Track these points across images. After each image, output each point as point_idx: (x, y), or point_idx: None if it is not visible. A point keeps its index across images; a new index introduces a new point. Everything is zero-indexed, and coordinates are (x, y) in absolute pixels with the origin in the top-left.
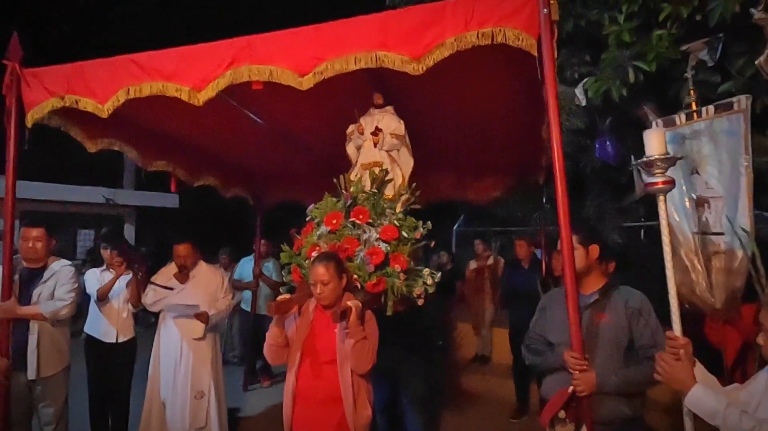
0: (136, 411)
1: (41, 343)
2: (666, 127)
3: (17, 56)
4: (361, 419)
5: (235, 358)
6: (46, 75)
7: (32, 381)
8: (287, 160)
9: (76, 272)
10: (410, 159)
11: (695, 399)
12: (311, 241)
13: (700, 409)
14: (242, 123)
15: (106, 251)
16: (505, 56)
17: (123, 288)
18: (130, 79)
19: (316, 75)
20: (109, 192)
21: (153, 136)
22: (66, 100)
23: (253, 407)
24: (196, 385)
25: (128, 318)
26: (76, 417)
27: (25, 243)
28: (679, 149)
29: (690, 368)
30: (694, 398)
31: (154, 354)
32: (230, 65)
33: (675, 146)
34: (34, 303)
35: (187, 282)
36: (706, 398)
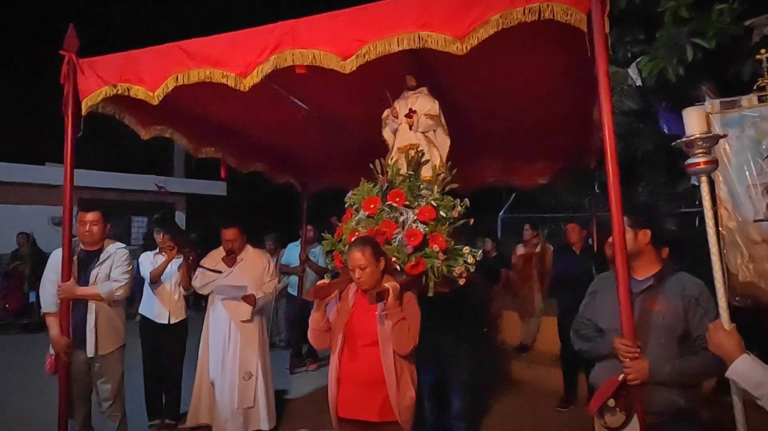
0: (188, 390)
1: (99, 322)
2: (727, 108)
3: (73, 47)
4: (404, 400)
5: (281, 342)
6: (100, 64)
7: (91, 359)
8: (331, 146)
9: (129, 254)
10: (447, 138)
11: (742, 368)
12: (350, 227)
13: (745, 379)
14: (288, 109)
15: (159, 235)
16: (553, 33)
17: (174, 272)
18: (178, 66)
19: (359, 57)
20: (161, 180)
21: (203, 123)
22: (118, 87)
23: (300, 389)
24: (244, 366)
25: (180, 301)
26: (132, 395)
27: (82, 227)
28: (744, 132)
29: (738, 338)
30: (739, 367)
31: (204, 335)
32: (274, 50)
33: (737, 130)
34: (92, 284)
35: (235, 266)
36: (753, 368)
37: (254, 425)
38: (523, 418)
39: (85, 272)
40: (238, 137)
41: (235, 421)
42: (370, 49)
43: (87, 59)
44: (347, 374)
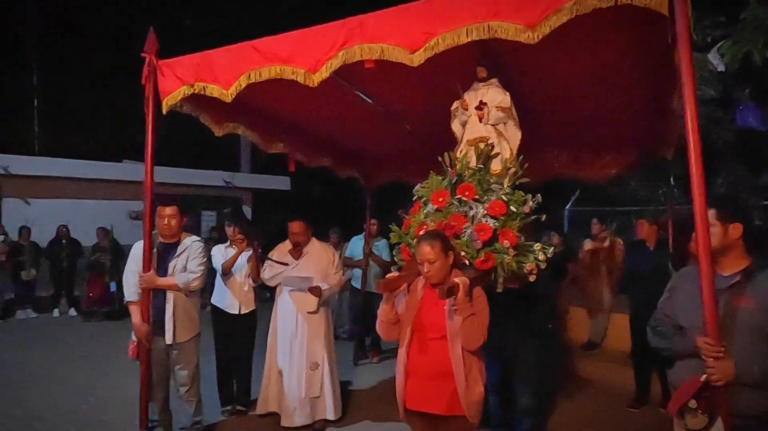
0: (258, 378)
1: (176, 311)
2: None
3: (153, 49)
4: (472, 395)
5: (344, 334)
6: (178, 65)
7: (169, 346)
8: (395, 140)
9: (205, 247)
10: (518, 131)
11: None
12: (418, 220)
13: None
14: (353, 103)
15: (229, 228)
16: (628, 18)
17: (244, 264)
18: (250, 64)
19: (427, 50)
20: (229, 175)
21: (272, 120)
22: (195, 87)
23: (364, 381)
24: (311, 357)
25: (249, 292)
26: (205, 382)
27: (161, 220)
28: None
29: None
30: None
31: (272, 326)
32: (343, 46)
33: None
34: (170, 274)
35: (301, 258)
36: None
37: (321, 414)
38: (592, 417)
39: (163, 263)
40: (305, 132)
41: (303, 410)
42: (438, 42)
43: (166, 61)
44: (415, 367)
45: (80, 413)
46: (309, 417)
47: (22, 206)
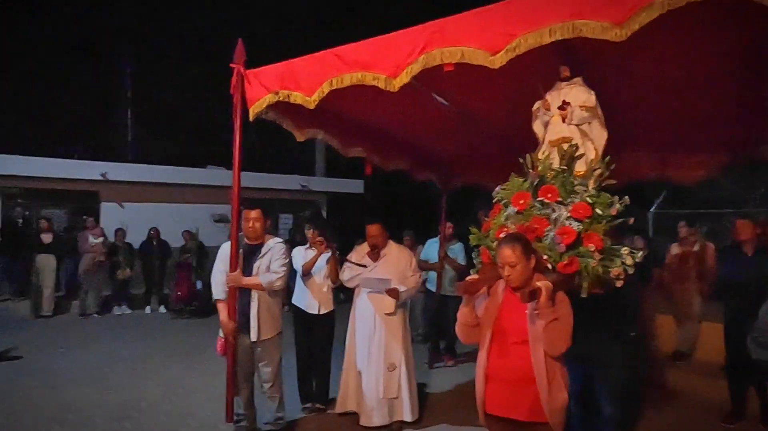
0: (336, 377)
1: (260, 310)
2: None
3: (241, 60)
4: (556, 402)
5: (418, 337)
6: (264, 74)
7: (254, 343)
8: (471, 143)
9: (287, 248)
10: (603, 131)
11: None
12: (499, 223)
13: None
14: (430, 107)
15: (309, 231)
16: (724, 12)
17: (323, 266)
18: (332, 71)
19: (508, 52)
20: (305, 179)
21: (351, 124)
22: (280, 95)
23: (439, 384)
24: (389, 358)
25: (328, 293)
26: (285, 379)
27: (246, 223)
28: None
29: None
30: None
31: (350, 326)
32: (423, 50)
33: None
34: (254, 274)
35: (379, 260)
36: None
37: (398, 415)
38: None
39: (248, 264)
40: (382, 136)
41: (381, 411)
42: (520, 43)
43: (252, 70)
44: (495, 371)
45: (171, 404)
46: (387, 418)
47: (118, 210)
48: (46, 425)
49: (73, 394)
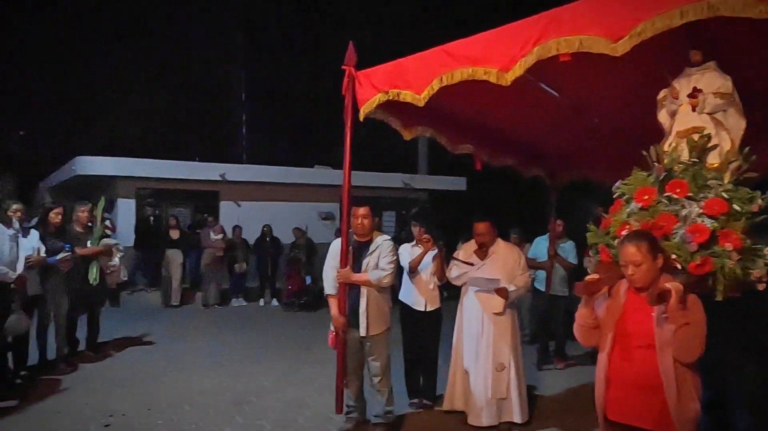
0: (443, 373)
1: (369, 306)
2: None
3: (352, 61)
4: (686, 412)
5: (525, 337)
6: (374, 74)
7: (363, 338)
8: (583, 136)
9: (395, 245)
10: (741, 120)
11: None
12: (620, 219)
13: None
14: (539, 100)
15: (416, 228)
16: None
17: (430, 263)
18: (442, 68)
19: (632, 38)
20: (408, 177)
21: (459, 121)
22: (389, 94)
23: (549, 387)
24: (497, 358)
25: (434, 290)
26: (393, 374)
27: (356, 220)
28: None
29: None
30: None
31: (457, 325)
32: (537, 41)
33: None
34: (364, 271)
35: (487, 259)
36: None
37: (507, 416)
38: None
39: (358, 260)
40: (491, 132)
41: (490, 411)
42: (646, 27)
43: (363, 71)
44: (618, 375)
45: (285, 393)
46: (496, 418)
47: (235, 208)
48: (178, 405)
49: (199, 378)
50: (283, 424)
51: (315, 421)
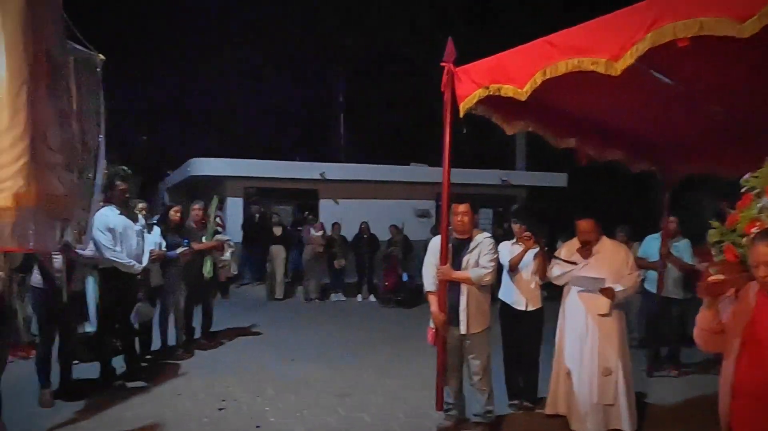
0: (544, 375)
1: (469, 304)
2: None
3: (451, 58)
4: None
5: (633, 341)
6: (473, 69)
7: (463, 336)
8: (700, 127)
9: (495, 243)
10: None
11: None
12: (749, 215)
13: None
14: (650, 88)
15: (516, 225)
16: None
17: (531, 261)
18: (545, 60)
19: (762, 17)
20: (505, 173)
21: (563, 115)
22: (490, 89)
23: (661, 396)
24: (603, 362)
25: (536, 289)
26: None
27: (455, 217)
28: None
29: None
30: None
31: (560, 325)
32: (651, 27)
33: None
34: (464, 268)
35: (591, 258)
36: None
37: (614, 424)
38: None
39: (457, 257)
40: (596, 125)
41: (595, 417)
42: None
43: (462, 67)
44: (746, 385)
45: (384, 387)
46: (602, 425)
47: (333, 206)
48: (284, 394)
49: (303, 369)
50: (383, 418)
51: (414, 416)
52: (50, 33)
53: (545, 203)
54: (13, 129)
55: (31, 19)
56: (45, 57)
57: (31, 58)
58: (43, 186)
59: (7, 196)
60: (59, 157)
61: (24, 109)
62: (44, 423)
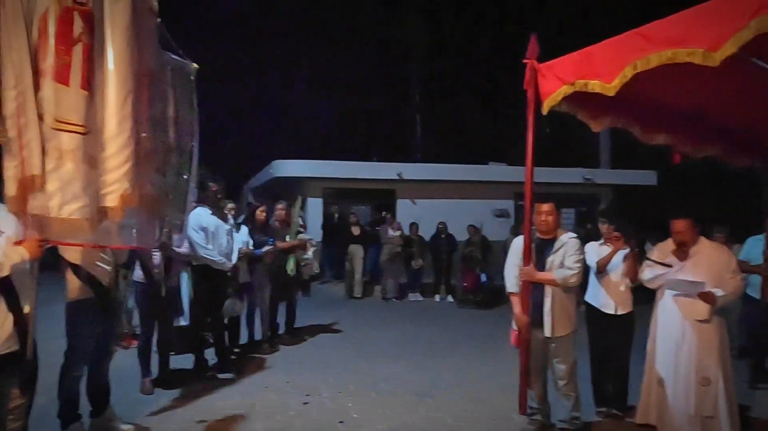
0: (635, 383)
1: (554, 306)
2: None
3: (534, 54)
4: None
5: (733, 350)
6: (558, 66)
7: (547, 338)
8: None
9: (581, 244)
10: None
11: None
12: None
13: None
14: (752, 79)
15: (604, 226)
16: None
17: (620, 263)
18: (635, 53)
19: None
20: (588, 172)
21: (654, 110)
22: (576, 85)
23: (764, 409)
24: (701, 370)
25: (626, 292)
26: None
27: (539, 217)
28: None
29: None
30: None
31: (652, 331)
32: (756, 13)
33: None
34: (548, 269)
35: (687, 260)
36: None
37: None
38: None
39: (541, 258)
40: (691, 120)
41: (692, 429)
42: None
43: (546, 63)
44: None
45: (465, 389)
46: None
47: (411, 206)
48: (365, 390)
49: (383, 367)
50: (464, 419)
51: (496, 419)
52: (149, 45)
53: (632, 202)
54: (119, 136)
55: (135, 34)
56: (144, 68)
57: (135, 70)
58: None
59: (115, 197)
60: (151, 161)
61: (129, 118)
62: (146, 409)
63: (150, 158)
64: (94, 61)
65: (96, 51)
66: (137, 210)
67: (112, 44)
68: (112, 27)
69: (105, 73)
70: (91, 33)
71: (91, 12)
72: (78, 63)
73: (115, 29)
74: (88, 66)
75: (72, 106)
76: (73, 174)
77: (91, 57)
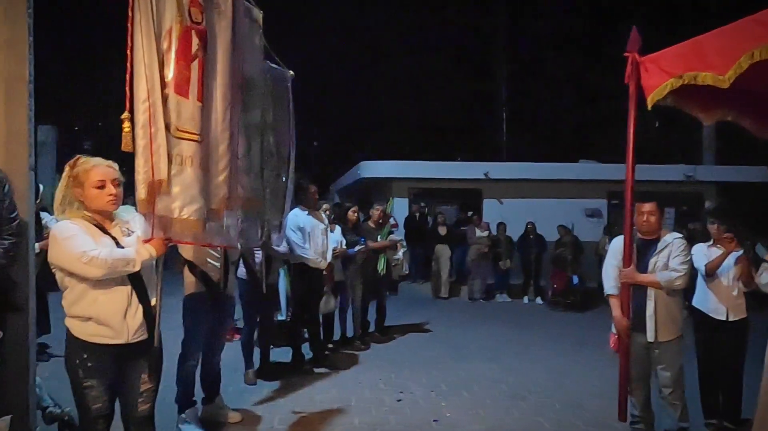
0: (749, 396)
1: (658, 310)
2: None
3: (636, 47)
4: None
5: None
6: (663, 58)
7: (650, 344)
8: None
9: (688, 245)
10: None
11: None
12: None
13: None
14: None
15: (713, 226)
16: None
17: (731, 266)
18: (752, 41)
19: None
20: (690, 169)
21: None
22: (684, 77)
23: None
24: None
25: (739, 297)
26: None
27: (640, 217)
28: None
29: None
30: None
31: None
32: None
33: None
34: (650, 271)
35: None
36: None
37: None
38: None
39: (642, 259)
40: None
41: None
42: None
43: (649, 56)
44: None
45: (561, 393)
46: None
47: (498, 205)
48: (457, 390)
49: (474, 367)
50: (561, 424)
51: (595, 425)
52: (253, 57)
53: (740, 200)
54: (221, 144)
55: (238, 47)
56: (242, 77)
57: (238, 82)
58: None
59: (221, 200)
60: (243, 164)
61: (229, 127)
62: (250, 398)
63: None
64: (207, 75)
65: (208, 65)
66: (240, 212)
67: (219, 59)
68: (219, 42)
69: (213, 86)
70: (204, 49)
71: (205, 29)
72: (195, 77)
73: (221, 45)
74: (203, 80)
75: (189, 117)
76: (192, 178)
77: (205, 71)
